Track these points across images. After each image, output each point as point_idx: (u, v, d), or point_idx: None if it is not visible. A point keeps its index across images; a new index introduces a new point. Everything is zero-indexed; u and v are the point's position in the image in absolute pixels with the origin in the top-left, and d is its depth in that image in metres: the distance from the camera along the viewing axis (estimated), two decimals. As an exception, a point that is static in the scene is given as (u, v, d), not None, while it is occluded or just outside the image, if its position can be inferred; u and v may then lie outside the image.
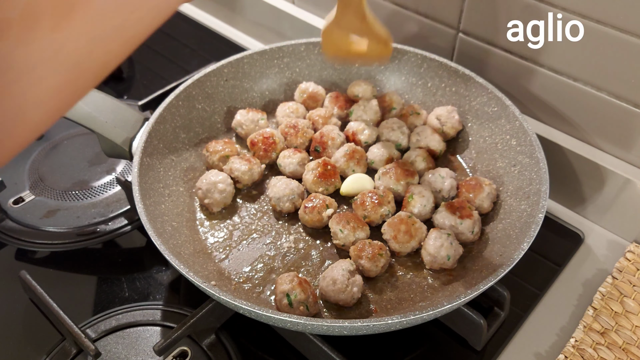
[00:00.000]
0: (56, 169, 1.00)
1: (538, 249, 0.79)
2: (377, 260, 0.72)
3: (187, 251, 0.75)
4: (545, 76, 0.87)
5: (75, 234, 0.89)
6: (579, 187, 0.88)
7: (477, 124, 0.91)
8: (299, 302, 0.67)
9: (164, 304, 0.79)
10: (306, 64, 1.01)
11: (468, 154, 0.91)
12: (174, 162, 0.86)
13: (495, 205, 0.81)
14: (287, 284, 0.69)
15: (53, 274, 0.84)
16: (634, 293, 0.78)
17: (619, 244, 0.87)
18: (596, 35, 0.77)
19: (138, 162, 0.78)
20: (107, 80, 1.21)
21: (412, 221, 0.76)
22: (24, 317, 0.78)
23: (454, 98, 0.94)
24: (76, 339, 0.71)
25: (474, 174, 0.88)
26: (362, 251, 0.73)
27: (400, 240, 0.75)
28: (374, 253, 0.73)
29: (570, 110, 0.87)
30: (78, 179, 0.98)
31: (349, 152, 0.85)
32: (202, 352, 0.72)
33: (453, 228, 0.76)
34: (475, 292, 0.62)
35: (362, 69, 1.01)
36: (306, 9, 1.17)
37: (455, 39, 0.96)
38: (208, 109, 0.94)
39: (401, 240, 0.75)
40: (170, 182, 0.84)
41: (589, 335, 0.73)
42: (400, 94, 0.98)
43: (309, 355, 0.72)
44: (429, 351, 0.74)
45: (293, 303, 0.67)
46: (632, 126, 0.81)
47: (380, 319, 0.60)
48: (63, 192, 0.96)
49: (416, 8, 0.98)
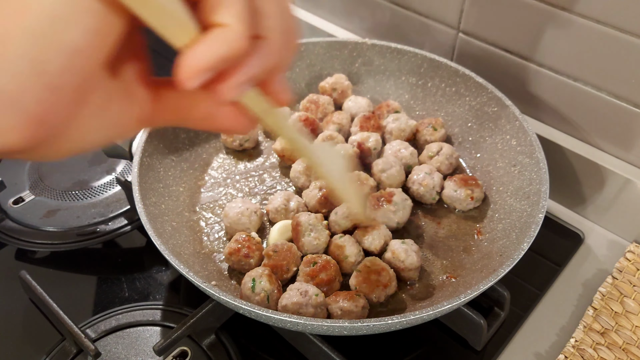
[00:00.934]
0: (56, 169, 1.00)
1: (538, 249, 0.79)
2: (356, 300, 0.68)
3: (187, 251, 0.75)
4: (545, 76, 0.87)
5: (75, 234, 0.89)
6: (579, 187, 0.88)
7: (477, 124, 0.91)
8: (262, 289, 0.68)
9: (164, 304, 0.79)
10: (306, 64, 1.01)
11: (468, 154, 0.91)
12: (174, 162, 0.86)
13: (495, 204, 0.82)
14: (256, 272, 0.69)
15: (53, 274, 0.84)
16: (634, 293, 0.78)
17: (619, 244, 0.87)
18: (596, 35, 0.77)
19: (138, 162, 0.78)
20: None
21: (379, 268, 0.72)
22: (24, 317, 0.78)
23: (454, 98, 0.94)
24: (76, 339, 0.71)
25: (474, 173, 0.88)
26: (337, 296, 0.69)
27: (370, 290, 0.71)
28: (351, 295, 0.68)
29: (570, 110, 0.87)
30: (78, 179, 0.98)
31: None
32: (202, 352, 0.72)
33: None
34: (475, 292, 0.62)
35: (362, 68, 1.01)
36: (306, 9, 1.17)
37: (455, 39, 0.96)
38: (208, 109, 0.94)
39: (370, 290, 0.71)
40: (170, 182, 0.84)
41: (589, 335, 0.73)
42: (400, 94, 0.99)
43: (309, 355, 0.72)
44: (429, 351, 0.74)
45: (256, 288, 0.68)
46: (632, 126, 0.81)
47: (380, 319, 0.59)
48: (63, 192, 0.96)
49: (416, 8, 0.98)
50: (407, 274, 0.73)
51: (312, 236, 0.75)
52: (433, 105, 0.96)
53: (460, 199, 0.81)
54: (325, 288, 0.70)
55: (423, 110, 0.97)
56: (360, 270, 0.71)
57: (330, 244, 0.76)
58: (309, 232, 0.75)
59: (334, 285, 0.72)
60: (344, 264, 0.74)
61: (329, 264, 0.72)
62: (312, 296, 0.67)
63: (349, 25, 1.12)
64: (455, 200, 0.81)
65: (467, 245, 0.79)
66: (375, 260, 0.72)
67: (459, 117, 0.93)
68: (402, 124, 0.90)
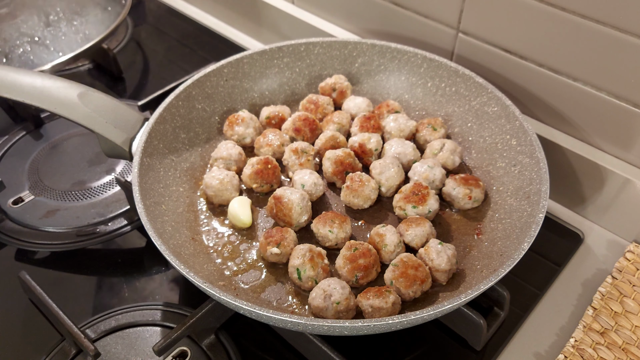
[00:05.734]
0: (56, 169, 1.00)
1: (538, 249, 0.79)
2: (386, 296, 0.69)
3: (187, 251, 0.75)
4: (545, 76, 0.87)
5: (75, 234, 0.89)
6: (579, 187, 0.89)
7: (477, 124, 0.91)
8: (308, 277, 0.71)
9: (164, 304, 0.79)
10: (306, 64, 1.01)
11: (468, 154, 0.91)
12: (174, 162, 0.86)
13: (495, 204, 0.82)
14: (298, 258, 0.72)
15: (53, 274, 0.84)
16: (633, 293, 0.78)
17: (618, 243, 0.87)
18: (596, 35, 0.77)
19: (138, 162, 0.78)
20: (107, 81, 1.22)
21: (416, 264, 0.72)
22: (24, 317, 0.78)
23: (454, 98, 0.94)
24: (76, 339, 0.71)
25: (474, 173, 0.88)
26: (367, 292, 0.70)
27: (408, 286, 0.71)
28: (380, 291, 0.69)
29: (570, 110, 0.87)
30: (78, 179, 0.98)
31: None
32: (202, 352, 0.72)
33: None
34: (475, 292, 0.62)
35: (362, 68, 1.01)
36: (306, 9, 1.17)
37: (455, 39, 0.96)
38: (208, 109, 0.94)
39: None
40: (170, 182, 0.84)
41: (588, 335, 0.73)
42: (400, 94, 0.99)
43: (309, 355, 0.72)
44: (429, 351, 0.74)
45: (302, 278, 0.71)
46: (632, 126, 0.81)
47: (381, 319, 0.59)
48: (63, 192, 0.96)
49: (416, 8, 0.98)
50: (434, 274, 0.73)
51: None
52: (433, 105, 0.96)
53: (458, 198, 0.81)
54: (361, 274, 0.71)
55: (423, 110, 0.97)
56: (397, 265, 0.72)
57: (371, 232, 0.77)
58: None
59: (371, 272, 0.72)
60: (382, 252, 0.75)
61: (369, 252, 0.73)
62: (333, 304, 0.67)
63: (349, 25, 1.12)
64: (454, 199, 0.82)
65: (467, 245, 0.79)
66: (411, 256, 0.73)
67: (459, 117, 0.93)
68: (401, 124, 0.90)
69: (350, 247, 0.73)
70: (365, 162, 0.88)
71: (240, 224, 0.81)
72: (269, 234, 0.76)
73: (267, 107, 0.96)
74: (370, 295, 0.68)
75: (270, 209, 0.79)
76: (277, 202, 0.78)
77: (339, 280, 0.70)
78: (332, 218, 0.77)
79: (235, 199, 0.82)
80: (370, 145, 0.87)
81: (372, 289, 0.69)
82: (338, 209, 0.85)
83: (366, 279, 0.72)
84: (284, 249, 0.74)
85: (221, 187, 0.82)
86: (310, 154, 0.86)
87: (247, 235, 0.81)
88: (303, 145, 0.87)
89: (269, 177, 0.84)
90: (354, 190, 0.80)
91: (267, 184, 0.84)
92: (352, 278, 0.72)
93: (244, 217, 0.81)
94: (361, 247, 0.73)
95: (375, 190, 0.82)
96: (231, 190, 0.83)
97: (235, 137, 0.91)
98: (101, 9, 1.27)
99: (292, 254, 0.73)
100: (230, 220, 0.82)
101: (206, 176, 0.84)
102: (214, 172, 0.84)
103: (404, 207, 0.79)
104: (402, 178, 0.84)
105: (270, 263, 0.77)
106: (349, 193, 0.81)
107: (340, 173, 0.84)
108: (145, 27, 1.38)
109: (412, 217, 0.78)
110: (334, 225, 0.76)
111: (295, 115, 0.92)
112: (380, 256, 0.75)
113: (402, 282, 0.70)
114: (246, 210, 0.81)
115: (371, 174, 0.84)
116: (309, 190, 0.82)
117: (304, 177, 0.83)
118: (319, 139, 0.89)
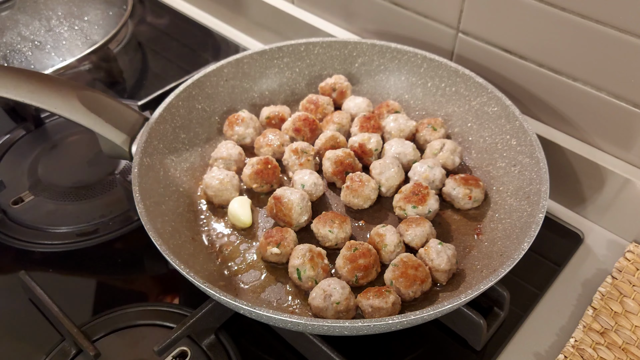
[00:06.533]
0: (56, 169, 1.00)
1: (538, 249, 0.79)
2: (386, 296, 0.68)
3: (187, 251, 0.75)
4: (545, 76, 0.87)
5: (75, 234, 0.89)
6: (579, 187, 0.89)
7: (477, 124, 0.91)
8: (308, 277, 0.71)
9: (164, 304, 0.79)
10: (306, 64, 1.01)
11: (468, 154, 0.91)
12: (174, 162, 0.86)
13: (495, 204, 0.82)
14: (298, 258, 0.71)
15: (53, 274, 0.84)
16: (633, 293, 0.78)
17: (618, 243, 0.87)
18: (596, 35, 0.77)
19: (138, 162, 0.78)
20: (107, 81, 1.22)
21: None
22: (24, 317, 0.78)
23: (454, 98, 0.94)
24: (76, 339, 0.71)
25: (474, 173, 0.88)
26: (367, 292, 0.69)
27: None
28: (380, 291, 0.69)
29: (570, 110, 0.87)
30: (78, 179, 0.98)
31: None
32: (202, 352, 0.72)
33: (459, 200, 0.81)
34: (475, 292, 0.62)
35: (362, 68, 1.01)
36: (306, 9, 1.17)
37: (455, 39, 0.96)
38: (208, 109, 0.94)
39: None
40: (170, 182, 0.84)
41: (588, 335, 0.73)
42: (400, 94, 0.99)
43: (309, 355, 0.72)
44: (429, 351, 0.74)
45: (302, 278, 0.71)
46: (632, 126, 0.81)
47: (381, 319, 0.60)
48: (63, 192, 0.96)
49: (416, 8, 0.98)
50: (434, 274, 0.73)
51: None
52: (433, 105, 0.96)
53: (458, 198, 0.81)
54: (361, 274, 0.71)
55: (423, 110, 0.97)
56: (397, 265, 0.72)
57: (371, 232, 0.77)
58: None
59: (371, 272, 0.73)
60: (382, 252, 0.75)
61: (369, 252, 0.73)
62: (333, 304, 0.67)
63: (349, 25, 1.12)
64: (454, 199, 0.82)
65: (467, 245, 0.79)
66: (411, 256, 0.73)
67: (459, 117, 0.93)
68: (401, 124, 0.90)
69: (350, 247, 0.73)
70: (365, 162, 0.88)
71: (240, 224, 0.81)
72: (269, 234, 0.76)
73: (267, 107, 0.96)
74: (370, 295, 0.68)
75: (270, 209, 0.79)
76: (277, 202, 0.78)
77: (339, 280, 0.70)
78: (332, 218, 0.77)
79: (235, 199, 0.82)
80: (370, 145, 0.87)
81: (372, 289, 0.69)
82: (338, 209, 0.85)
83: (366, 279, 0.72)
84: (284, 249, 0.74)
85: (221, 187, 0.82)
86: (310, 154, 0.86)
87: (247, 235, 0.81)
88: (303, 145, 0.87)
89: (269, 177, 0.84)
90: (354, 190, 0.80)
91: (267, 184, 0.84)
92: (352, 278, 0.72)
93: (244, 217, 0.81)
94: (361, 247, 0.73)
95: (375, 190, 0.82)
96: (231, 190, 0.83)
97: (235, 137, 0.91)
98: (102, 13, 1.27)
99: (292, 254, 0.73)
100: (230, 220, 0.82)
101: (206, 176, 0.84)
102: (214, 172, 0.84)
103: (404, 207, 0.79)
104: (402, 178, 0.84)
105: (270, 263, 0.77)
106: (349, 193, 0.81)
107: (340, 173, 0.84)
108: (145, 27, 1.38)
109: (412, 217, 0.78)
110: (334, 225, 0.76)
111: (295, 115, 0.92)
112: (380, 256, 0.75)
113: (402, 282, 0.70)
114: (246, 210, 0.81)
115: (371, 174, 0.84)
116: (309, 190, 0.82)
117: (304, 177, 0.83)
118: (319, 139, 0.89)
